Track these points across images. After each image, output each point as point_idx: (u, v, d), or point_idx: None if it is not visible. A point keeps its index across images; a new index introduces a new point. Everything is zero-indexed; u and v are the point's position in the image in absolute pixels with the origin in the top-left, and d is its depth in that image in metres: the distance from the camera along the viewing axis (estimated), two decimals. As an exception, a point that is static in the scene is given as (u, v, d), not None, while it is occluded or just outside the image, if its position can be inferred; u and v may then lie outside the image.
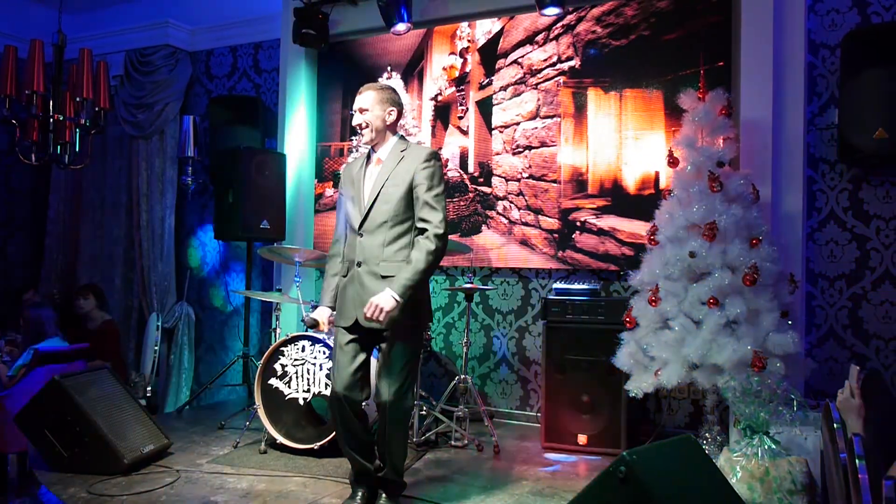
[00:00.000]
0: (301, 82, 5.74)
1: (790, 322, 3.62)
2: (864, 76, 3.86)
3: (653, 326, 3.74)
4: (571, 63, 4.91)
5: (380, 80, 5.52)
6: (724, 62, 4.39)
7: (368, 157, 3.28)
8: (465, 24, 5.32)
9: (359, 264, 3.10)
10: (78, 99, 4.38)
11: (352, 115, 3.25)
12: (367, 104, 3.18)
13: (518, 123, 5.09)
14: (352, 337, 3.13)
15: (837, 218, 4.19)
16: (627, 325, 3.86)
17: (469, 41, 5.31)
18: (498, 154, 5.16)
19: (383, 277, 3.04)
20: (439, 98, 5.41)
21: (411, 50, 5.51)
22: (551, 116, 4.96)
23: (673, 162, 3.88)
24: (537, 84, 5.03)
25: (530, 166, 5.03)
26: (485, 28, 5.26)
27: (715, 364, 3.50)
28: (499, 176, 5.15)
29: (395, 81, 5.52)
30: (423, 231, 3.07)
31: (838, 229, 4.19)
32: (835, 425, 2.46)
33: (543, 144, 4.98)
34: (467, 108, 5.29)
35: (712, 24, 4.44)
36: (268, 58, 6.12)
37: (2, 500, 3.40)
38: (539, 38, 5.04)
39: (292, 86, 5.74)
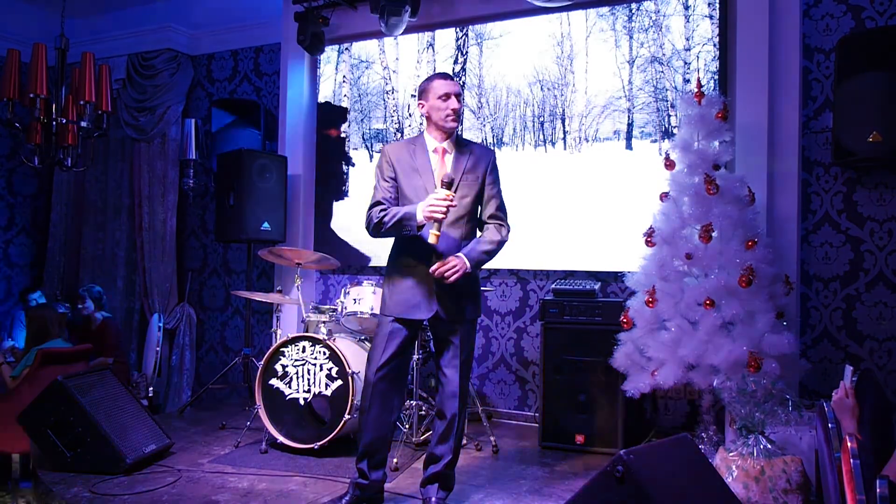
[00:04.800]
0: (302, 85, 5.78)
1: (785, 323, 3.66)
2: (859, 80, 3.90)
3: (649, 327, 3.77)
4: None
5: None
6: (720, 66, 4.44)
7: (419, 145, 3.19)
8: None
9: (439, 257, 3.04)
10: (80, 102, 4.41)
11: (451, 96, 3.09)
12: (461, 91, 3.18)
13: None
14: (406, 332, 3.12)
15: (832, 220, 4.23)
16: (624, 325, 3.89)
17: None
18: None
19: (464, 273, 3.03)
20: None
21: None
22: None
23: (669, 164, 3.92)
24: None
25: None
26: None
27: (711, 364, 3.54)
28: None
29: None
30: (496, 224, 3.21)
31: (833, 231, 4.23)
32: (829, 425, 2.49)
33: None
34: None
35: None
36: (268, 61, 6.16)
37: (5, 499, 3.42)
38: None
39: (293, 89, 5.78)
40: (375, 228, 3.10)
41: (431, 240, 2.94)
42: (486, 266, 5.05)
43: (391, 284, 3.17)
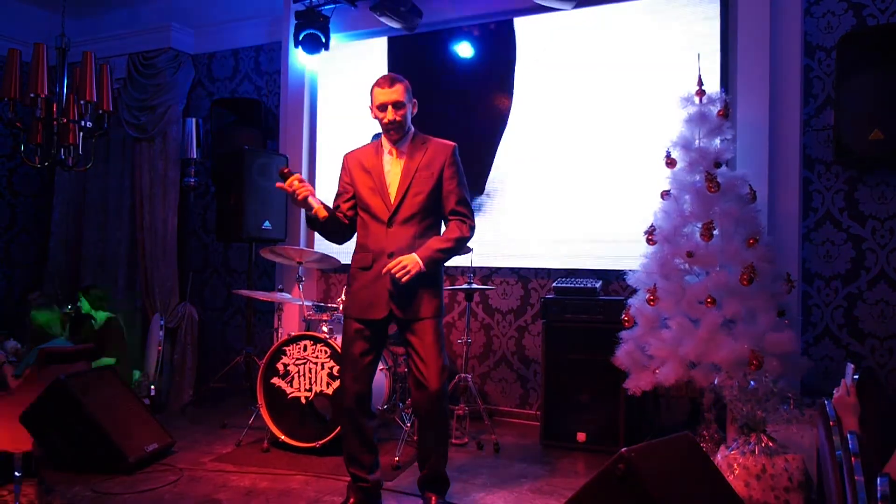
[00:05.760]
0: (302, 84, 5.78)
1: (787, 321, 3.66)
2: (860, 78, 3.90)
3: (651, 325, 3.78)
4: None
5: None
6: (722, 64, 4.43)
7: (378, 146, 3.19)
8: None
9: (390, 255, 3.03)
10: (81, 102, 4.40)
11: (388, 106, 3.04)
12: (402, 98, 3.05)
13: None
14: (368, 332, 3.11)
15: (833, 218, 4.23)
16: (626, 324, 3.90)
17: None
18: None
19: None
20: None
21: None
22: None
23: (670, 162, 3.92)
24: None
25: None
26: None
27: (712, 363, 3.54)
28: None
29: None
30: (458, 219, 3.14)
31: (834, 229, 4.22)
32: (830, 423, 2.49)
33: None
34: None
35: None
36: (269, 60, 6.16)
37: (7, 498, 3.42)
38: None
39: (293, 88, 5.78)
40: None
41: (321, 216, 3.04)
42: (488, 265, 5.11)
43: (350, 284, 3.19)
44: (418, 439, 3.19)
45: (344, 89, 5.74)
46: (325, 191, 5.74)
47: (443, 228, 3.22)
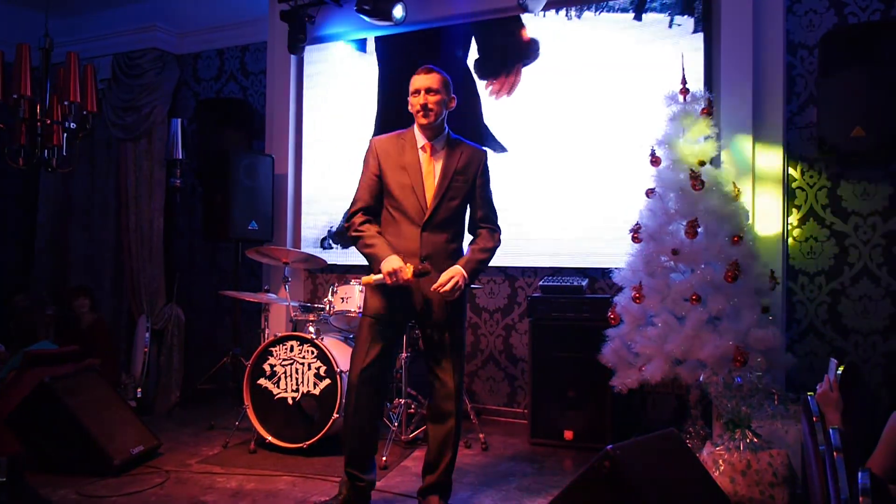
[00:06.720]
0: (289, 84, 5.76)
1: (771, 317, 3.68)
2: (842, 76, 3.93)
3: (637, 323, 3.80)
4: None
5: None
6: (705, 62, 4.45)
7: (408, 140, 3.10)
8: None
9: (423, 259, 2.97)
10: (65, 102, 4.38)
11: (421, 91, 3.01)
12: (438, 86, 3.01)
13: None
14: (391, 332, 3.08)
15: (816, 215, 4.26)
16: (612, 321, 3.91)
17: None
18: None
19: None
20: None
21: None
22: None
23: (655, 161, 3.93)
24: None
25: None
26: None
27: (697, 359, 3.56)
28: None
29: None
30: (488, 228, 3.15)
31: (817, 226, 4.26)
32: (814, 418, 2.51)
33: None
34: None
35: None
36: (255, 60, 6.14)
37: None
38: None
39: (279, 88, 5.76)
40: (352, 240, 3.11)
41: (365, 280, 2.97)
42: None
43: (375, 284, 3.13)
44: (431, 443, 3.15)
45: (329, 89, 5.73)
46: (311, 189, 5.75)
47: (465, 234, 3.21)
